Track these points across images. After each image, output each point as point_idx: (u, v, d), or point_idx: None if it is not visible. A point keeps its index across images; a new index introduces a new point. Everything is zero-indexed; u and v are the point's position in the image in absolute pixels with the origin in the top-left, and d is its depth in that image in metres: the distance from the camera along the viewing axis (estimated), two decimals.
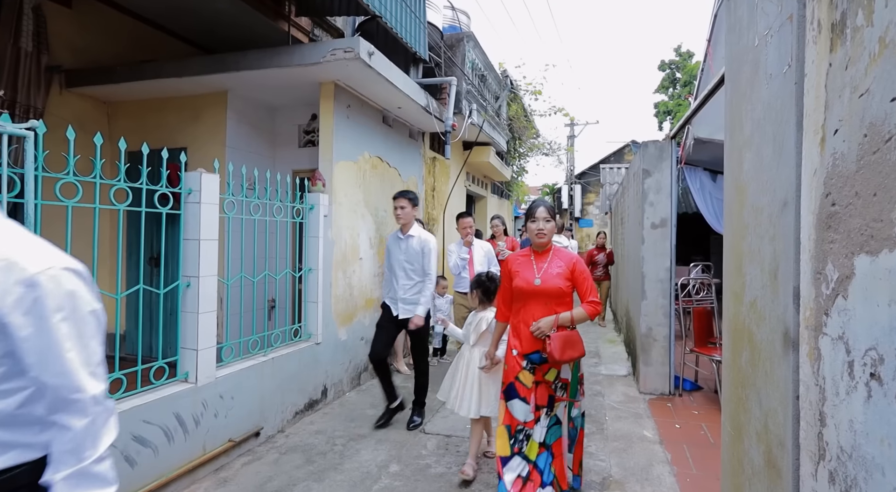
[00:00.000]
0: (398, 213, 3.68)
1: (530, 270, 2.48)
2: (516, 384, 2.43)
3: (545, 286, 2.41)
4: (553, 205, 3.33)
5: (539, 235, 2.46)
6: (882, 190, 0.80)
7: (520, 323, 2.48)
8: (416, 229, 3.72)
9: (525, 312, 2.47)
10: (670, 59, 22.39)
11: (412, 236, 3.69)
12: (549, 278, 2.42)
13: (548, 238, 2.49)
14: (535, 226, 2.47)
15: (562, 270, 2.45)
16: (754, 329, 1.44)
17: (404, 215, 3.67)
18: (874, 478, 0.81)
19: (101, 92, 4.70)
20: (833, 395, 0.96)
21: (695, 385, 4.71)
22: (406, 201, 3.68)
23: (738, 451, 1.60)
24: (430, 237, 3.71)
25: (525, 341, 2.45)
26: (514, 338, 2.51)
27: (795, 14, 1.16)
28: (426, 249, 3.66)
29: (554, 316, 2.38)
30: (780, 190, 1.24)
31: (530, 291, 2.43)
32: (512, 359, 2.48)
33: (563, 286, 2.41)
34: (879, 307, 0.80)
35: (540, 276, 2.43)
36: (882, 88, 0.80)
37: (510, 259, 2.60)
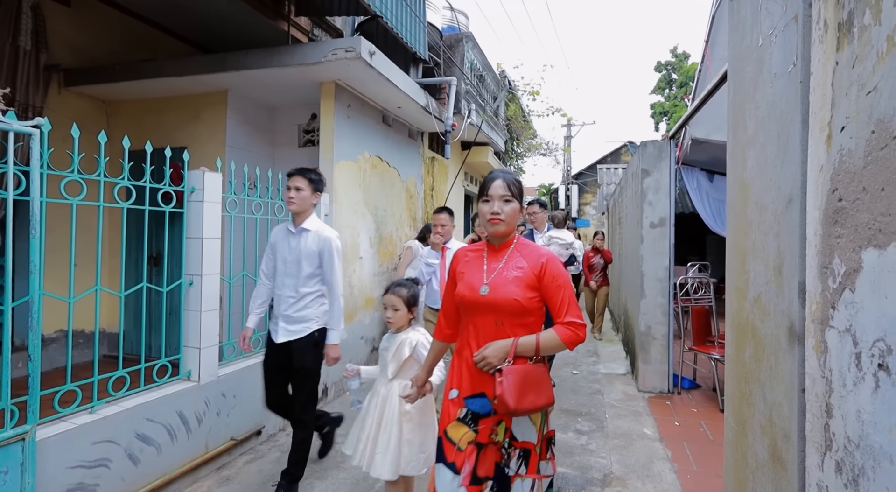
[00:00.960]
0: (291, 195, 2.61)
1: (478, 271, 1.70)
2: (444, 442, 1.67)
3: (495, 297, 1.62)
4: (518, 180, 1.82)
5: (493, 220, 1.66)
6: (890, 185, 0.81)
7: (463, 348, 1.72)
8: (315, 222, 2.69)
9: (468, 333, 1.70)
10: (666, 60, 22.53)
11: (307, 231, 2.65)
12: (501, 285, 1.63)
13: (507, 225, 1.68)
14: (487, 208, 1.68)
15: (523, 274, 1.64)
16: (758, 325, 1.46)
17: (299, 200, 2.61)
18: (882, 466, 0.83)
19: (101, 91, 4.68)
20: (840, 386, 0.97)
21: (693, 383, 4.74)
22: (303, 181, 2.62)
23: (741, 445, 1.62)
24: (332, 234, 2.67)
25: (466, 377, 1.67)
26: (453, 371, 1.74)
27: (801, 14, 1.18)
28: (326, 250, 2.62)
29: (509, 341, 1.60)
30: (784, 187, 1.26)
31: (474, 302, 1.66)
32: (447, 403, 1.71)
33: (521, 298, 1.61)
34: (888, 299, 0.81)
35: (489, 281, 1.65)
36: (890, 86, 0.81)
37: (458, 255, 1.83)
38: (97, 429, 2.29)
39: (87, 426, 2.25)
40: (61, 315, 2.40)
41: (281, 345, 2.65)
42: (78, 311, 2.42)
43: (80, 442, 2.21)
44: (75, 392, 2.29)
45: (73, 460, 2.17)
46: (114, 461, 2.35)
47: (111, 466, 2.33)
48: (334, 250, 2.64)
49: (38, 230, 2.02)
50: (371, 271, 5.01)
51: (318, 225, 2.69)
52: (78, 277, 2.44)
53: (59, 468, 2.11)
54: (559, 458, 3.17)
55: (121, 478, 2.37)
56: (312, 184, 2.66)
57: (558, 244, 4.52)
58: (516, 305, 1.61)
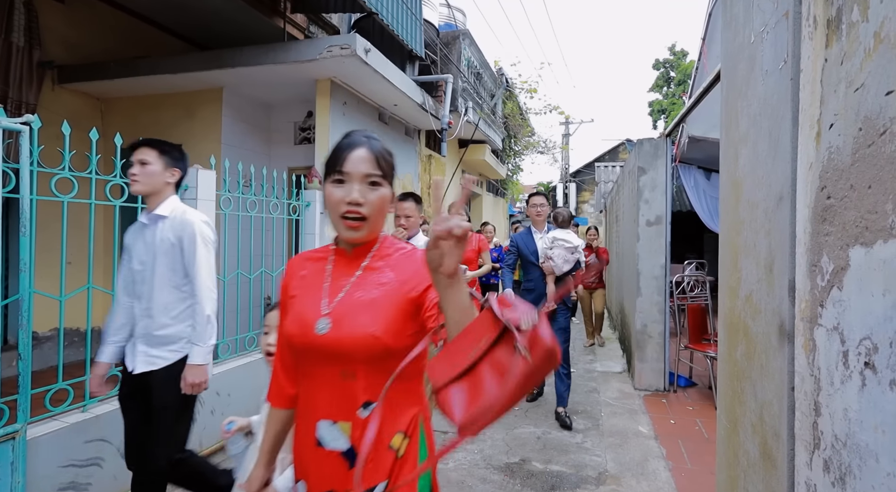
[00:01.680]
0: (133, 171, 1.96)
1: (315, 293, 1.06)
2: None
3: (339, 334, 1.00)
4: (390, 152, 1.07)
5: (351, 212, 1.01)
6: (877, 182, 0.81)
7: (302, 419, 1.08)
8: (172, 205, 2.01)
9: (307, 394, 1.06)
10: (664, 57, 22.51)
11: (162, 218, 1.98)
12: (350, 314, 1.01)
13: (369, 228, 1.04)
14: (340, 193, 1.01)
15: (389, 293, 1.02)
16: (750, 323, 1.46)
17: (144, 177, 1.95)
18: (868, 464, 0.82)
19: (95, 88, 4.66)
20: (828, 385, 0.97)
21: (689, 381, 4.75)
22: (152, 153, 1.98)
23: (733, 443, 1.62)
24: (197, 218, 2.01)
25: (308, 463, 1.05)
26: (295, 452, 1.10)
27: (791, 11, 1.17)
28: (187, 238, 1.95)
29: (373, 406, 0.99)
30: (775, 185, 1.26)
31: (307, 346, 1.03)
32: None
33: (383, 334, 0.98)
34: (874, 297, 0.81)
35: (332, 308, 1.02)
36: (877, 83, 0.81)
37: (291, 266, 1.14)
38: (89, 427, 2.28)
39: (80, 425, 2.24)
40: (55, 314, 2.39)
41: (140, 377, 1.94)
42: (72, 309, 2.41)
43: (72, 441, 2.20)
44: (67, 391, 2.28)
45: (65, 459, 2.16)
46: (106, 460, 2.34)
47: (104, 464, 2.32)
48: (198, 238, 1.96)
49: (28, 228, 2.01)
50: None
51: (178, 208, 2.01)
52: (71, 275, 2.43)
53: (50, 467, 2.10)
54: (554, 457, 3.17)
55: (113, 477, 2.37)
56: (166, 157, 2.01)
57: (563, 247, 3.81)
58: (374, 348, 0.96)
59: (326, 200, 1.05)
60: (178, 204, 2.04)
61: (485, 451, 3.23)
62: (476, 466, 3.02)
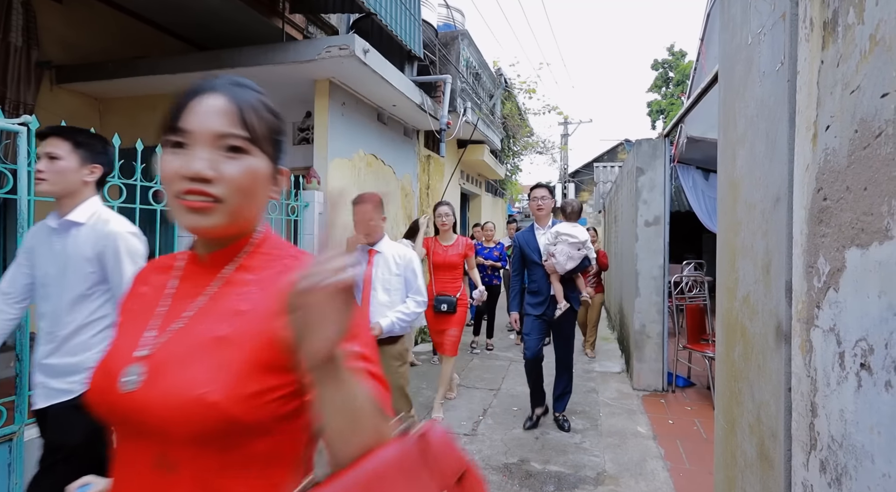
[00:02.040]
0: (39, 168, 1.61)
1: (142, 321, 0.67)
2: None
3: (152, 395, 0.59)
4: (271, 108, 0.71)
5: (192, 191, 0.62)
6: (872, 184, 0.81)
7: None
8: (90, 210, 1.66)
9: (117, 469, 0.65)
10: (663, 58, 22.54)
11: (76, 225, 1.63)
12: (177, 362, 0.61)
13: (228, 212, 0.65)
14: (178, 164, 0.63)
15: (241, 329, 0.62)
16: (747, 324, 1.47)
17: (53, 176, 1.60)
18: (864, 465, 0.83)
19: (93, 88, 4.65)
20: (824, 385, 0.97)
21: (687, 381, 4.76)
22: (64, 146, 1.63)
23: (731, 444, 1.62)
24: (122, 228, 1.66)
25: None
26: None
27: (788, 12, 1.18)
28: (111, 252, 1.61)
29: None
30: (772, 186, 1.26)
31: (107, 408, 0.62)
32: None
33: (223, 398, 0.56)
34: (870, 299, 0.81)
35: (153, 348, 0.63)
36: (873, 85, 0.81)
37: (137, 276, 0.78)
38: None
39: None
40: None
41: (39, 414, 1.63)
42: None
43: None
44: None
45: None
46: None
47: None
48: (122, 253, 1.60)
49: (25, 229, 2.00)
50: None
51: (98, 214, 1.65)
52: None
53: None
54: (552, 457, 3.17)
55: None
56: (82, 150, 1.64)
57: (568, 243, 3.47)
58: (208, 418, 0.57)
59: (161, 176, 0.66)
60: (100, 208, 1.67)
61: (483, 451, 3.23)
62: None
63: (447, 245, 4.12)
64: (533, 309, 3.61)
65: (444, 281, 4.01)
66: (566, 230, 3.50)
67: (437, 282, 4.02)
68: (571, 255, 3.44)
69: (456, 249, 4.09)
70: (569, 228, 3.54)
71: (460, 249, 4.10)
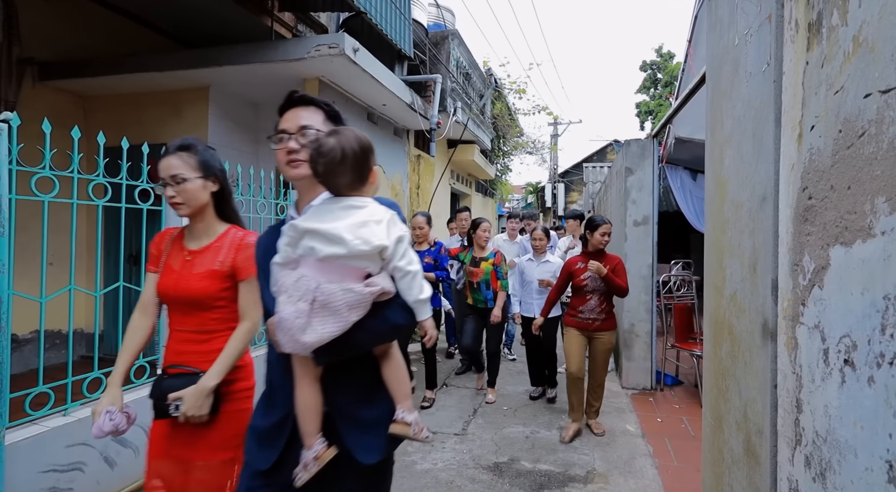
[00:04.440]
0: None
1: None
2: None
3: None
4: None
5: None
6: (856, 183, 0.83)
7: None
8: None
9: None
10: (651, 59, 22.76)
11: None
12: None
13: None
14: None
15: None
16: (734, 321, 1.48)
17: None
18: (847, 460, 0.84)
19: (77, 86, 4.57)
20: (809, 382, 0.99)
21: (676, 380, 4.81)
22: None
23: (718, 440, 1.64)
24: None
25: None
26: None
27: (774, 14, 1.19)
28: None
29: None
30: (759, 185, 1.28)
31: None
32: None
33: None
34: (853, 296, 0.83)
35: None
36: (856, 85, 0.83)
37: None
38: (71, 432, 2.24)
39: (61, 429, 2.20)
40: (36, 315, 2.34)
41: None
42: (53, 311, 2.36)
43: (53, 445, 2.16)
44: (48, 394, 2.23)
45: (46, 464, 2.12)
46: (89, 465, 2.30)
47: (86, 469, 2.28)
48: None
49: (6, 228, 1.96)
50: None
51: None
52: (52, 276, 2.38)
53: (30, 472, 2.06)
54: (542, 456, 3.19)
55: (96, 482, 2.33)
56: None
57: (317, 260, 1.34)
58: None
59: None
60: None
61: (473, 451, 3.23)
62: (465, 465, 3.02)
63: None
64: None
65: None
66: (314, 224, 1.15)
67: None
68: (318, 295, 1.10)
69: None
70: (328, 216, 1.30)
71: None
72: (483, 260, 4.12)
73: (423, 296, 1.21)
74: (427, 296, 1.22)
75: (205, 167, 1.59)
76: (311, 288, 1.08)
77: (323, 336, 1.08)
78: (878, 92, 0.77)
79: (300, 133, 1.26)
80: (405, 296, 1.20)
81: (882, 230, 0.75)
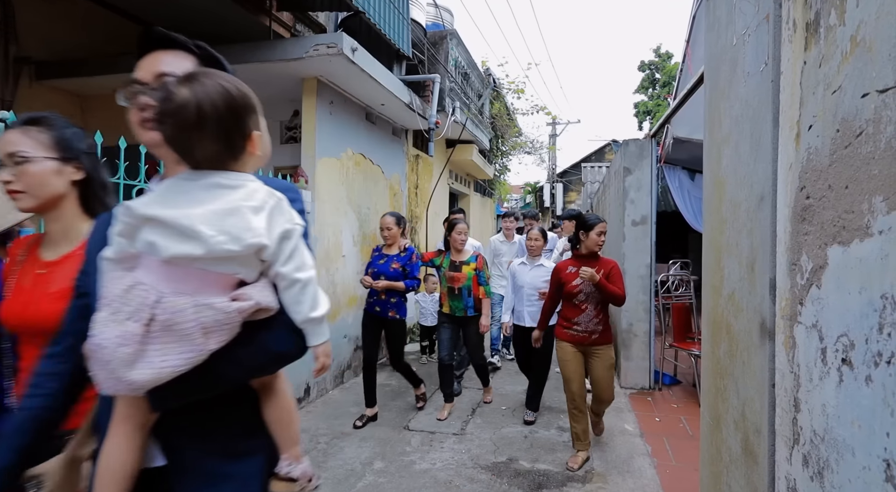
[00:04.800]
0: None
1: None
2: None
3: None
4: None
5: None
6: (853, 182, 0.83)
7: None
8: None
9: None
10: (650, 59, 22.78)
11: None
12: None
13: None
14: None
15: None
16: (732, 321, 1.49)
17: None
18: (845, 458, 0.84)
19: (74, 85, 4.57)
20: (807, 381, 0.99)
21: (674, 379, 4.81)
22: None
23: (716, 440, 1.64)
24: None
25: None
26: None
27: (772, 14, 1.19)
28: None
29: None
30: (757, 185, 1.28)
31: None
32: None
33: None
34: (851, 295, 0.83)
35: None
36: (853, 85, 0.83)
37: None
38: None
39: None
40: None
41: None
42: None
43: None
44: None
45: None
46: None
47: None
48: None
49: None
50: (354, 269, 4.98)
51: None
52: None
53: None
54: (541, 455, 3.19)
55: None
56: None
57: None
58: None
59: None
60: None
61: (472, 451, 3.24)
62: (463, 465, 3.02)
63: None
64: None
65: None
66: (156, 210, 0.82)
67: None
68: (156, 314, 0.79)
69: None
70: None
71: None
72: (464, 264, 3.80)
73: (315, 313, 0.89)
74: (322, 313, 0.91)
75: (62, 147, 1.22)
76: (148, 302, 0.76)
77: (162, 372, 0.75)
78: (875, 91, 0.77)
79: (159, 83, 0.94)
80: (292, 313, 0.88)
81: (879, 229, 0.75)
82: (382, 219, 3.88)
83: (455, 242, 3.87)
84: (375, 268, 3.78)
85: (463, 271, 3.79)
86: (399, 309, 3.76)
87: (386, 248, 3.88)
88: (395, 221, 3.82)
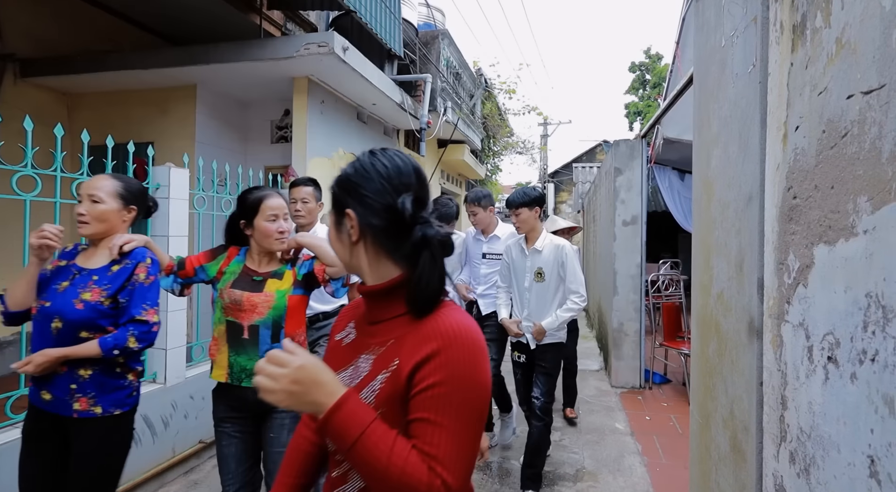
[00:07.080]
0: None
1: None
2: None
3: None
4: None
5: None
6: (839, 183, 0.84)
7: None
8: None
9: None
10: (640, 61, 22.95)
11: None
12: None
13: None
14: None
15: None
16: (721, 320, 1.50)
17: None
18: (830, 455, 0.85)
19: (61, 83, 4.49)
20: (794, 379, 1.00)
21: (664, 378, 4.85)
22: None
23: (705, 438, 1.66)
24: None
25: None
26: None
27: (759, 16, 1.21)
28: None
29: None
30: (745, 185, 1.29)
31: None
32: None
33: None
34: (836, 294, 0.84)
35: None
36: (839, 86, 0.84)
37: None
38: None
39: None
40: None
41: None
42: None
43: None
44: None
45: None
46: None
47: None
48: None
49: None
50: None
51: None
52: None
53: (11, 476, 2.01)
54: None
55: None
56: None
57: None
58: None
59: None
60: None
61: None
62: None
63: None
64: None
65: None
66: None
67: None
68: None
69: None
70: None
71: None
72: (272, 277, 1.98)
73: None
74: None
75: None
76: None
77: None
78: (860, 93, 0.78)
79: None
80: None
81: (864, 229, 0.76)
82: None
83: None
84: None
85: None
86: None
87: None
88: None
